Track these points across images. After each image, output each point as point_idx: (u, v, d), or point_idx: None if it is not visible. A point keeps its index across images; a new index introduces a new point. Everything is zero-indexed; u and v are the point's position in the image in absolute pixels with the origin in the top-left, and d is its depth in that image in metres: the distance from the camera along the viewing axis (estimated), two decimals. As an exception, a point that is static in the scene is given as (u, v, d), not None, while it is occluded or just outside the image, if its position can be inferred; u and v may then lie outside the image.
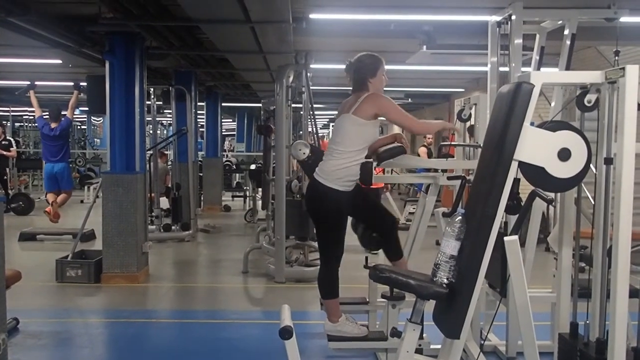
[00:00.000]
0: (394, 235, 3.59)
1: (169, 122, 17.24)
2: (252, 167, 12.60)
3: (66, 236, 8.00)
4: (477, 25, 5.19)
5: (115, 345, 4.49)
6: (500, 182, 2.32)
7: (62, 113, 8.48)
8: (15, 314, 4.48)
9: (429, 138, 11.33)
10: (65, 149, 8.44)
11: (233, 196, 13.43)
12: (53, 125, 8.22)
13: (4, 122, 16.20)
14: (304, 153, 3.95)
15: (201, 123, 13.22)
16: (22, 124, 20.25)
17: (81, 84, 7.90)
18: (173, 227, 8.55)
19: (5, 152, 11.22)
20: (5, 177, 11.33)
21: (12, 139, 12.30)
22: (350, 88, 3.55)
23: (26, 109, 12.56)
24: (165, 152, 10.05)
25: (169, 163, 11.24)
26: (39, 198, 12.07)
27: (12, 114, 16.73)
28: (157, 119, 10.74)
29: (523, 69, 3.80)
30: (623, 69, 2.36)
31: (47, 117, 8.44)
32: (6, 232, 3.64)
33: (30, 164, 14.74)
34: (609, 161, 2.53)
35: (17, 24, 5.05)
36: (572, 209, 3.14)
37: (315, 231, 3.67)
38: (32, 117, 19.27)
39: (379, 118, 3.44)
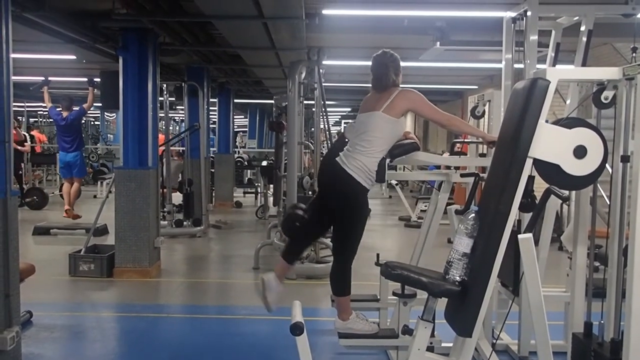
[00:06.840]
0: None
1: (181, 118, 17.30)
2: (264, 163, 12.62)
3: (79, 231, 8.06)
4: (492, 21, 5.15)
5: (126, 339, 4.52)
6: (515, 179, 2.30)
7: (74, 108, 8.82)
8: (29, 307, 4.52)
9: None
10: (78, 139, 8.99)
11: (244, 192, 13.46)
12: (65, 114, 8.68)
13: (19, 117, 16.35)
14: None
15: (213, 119, 13.26)
16: (36, 119, 20.41)
17: (95, 79, 7.98)
18: (185, 223, 8.58)
19: (20, 147, 11.33)
20: (20, 172, 11.44)
21: (26, 134, 12.41)
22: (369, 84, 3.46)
23: (41, 104, 12.69)
24: (181, 152, 10.21)
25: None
26: (53, 193, 12.18)
27: (27, 109, 16.87)
28: (170, 115, 10.78)
29: (538, 65, 3.75)
30: (641, 65, 2.32)
31: (59, 108, 8.86)
32: (20, 226, 3.67)
33: (45, 159, 14.82)
34: (625, 159, 2.49)
35: (32, 19, 5.09)
36: (587, 207, 3.11)
37: (331, 224, 3.50)
38: (46, 113, 19.49)
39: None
